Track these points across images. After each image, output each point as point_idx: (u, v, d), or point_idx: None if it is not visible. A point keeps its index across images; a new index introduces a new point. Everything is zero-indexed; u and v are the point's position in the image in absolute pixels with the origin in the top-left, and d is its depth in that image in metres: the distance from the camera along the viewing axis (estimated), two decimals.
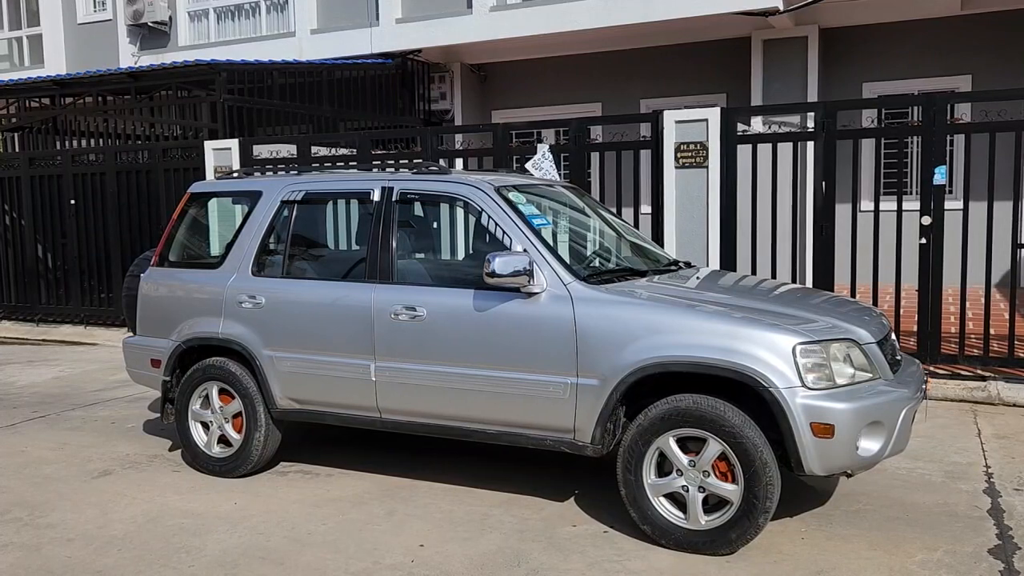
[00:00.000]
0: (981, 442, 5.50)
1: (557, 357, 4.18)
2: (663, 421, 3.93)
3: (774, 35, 11.19)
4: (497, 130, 8.30)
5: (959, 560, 3.79)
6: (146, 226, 10.53)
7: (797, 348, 3.78)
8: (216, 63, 10.25)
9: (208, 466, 5.21)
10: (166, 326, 5.37)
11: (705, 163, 7.38)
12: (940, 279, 6.75)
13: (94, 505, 4.75)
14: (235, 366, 5.10)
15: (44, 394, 7.64)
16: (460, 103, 13.18)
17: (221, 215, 5.80)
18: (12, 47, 16.30)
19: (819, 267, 7.11)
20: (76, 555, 4.09)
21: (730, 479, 3.84)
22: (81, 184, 10.96)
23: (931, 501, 4.50)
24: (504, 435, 4.41)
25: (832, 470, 3.84)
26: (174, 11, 14.11)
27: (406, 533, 4.24)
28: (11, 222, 11.67)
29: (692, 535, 3.91)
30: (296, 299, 4.95)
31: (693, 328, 3.94)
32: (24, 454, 5.78)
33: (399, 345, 4.59)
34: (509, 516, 4.42)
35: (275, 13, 13.57)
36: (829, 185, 7.03)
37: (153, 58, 13.48)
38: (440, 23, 11.96)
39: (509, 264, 4.14)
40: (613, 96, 12.62)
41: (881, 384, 3.96)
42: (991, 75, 10.71)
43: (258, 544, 4.16)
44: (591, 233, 5.35)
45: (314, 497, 4.78)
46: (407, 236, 4.99)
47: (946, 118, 6.71)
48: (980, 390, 6.47)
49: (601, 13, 10.95)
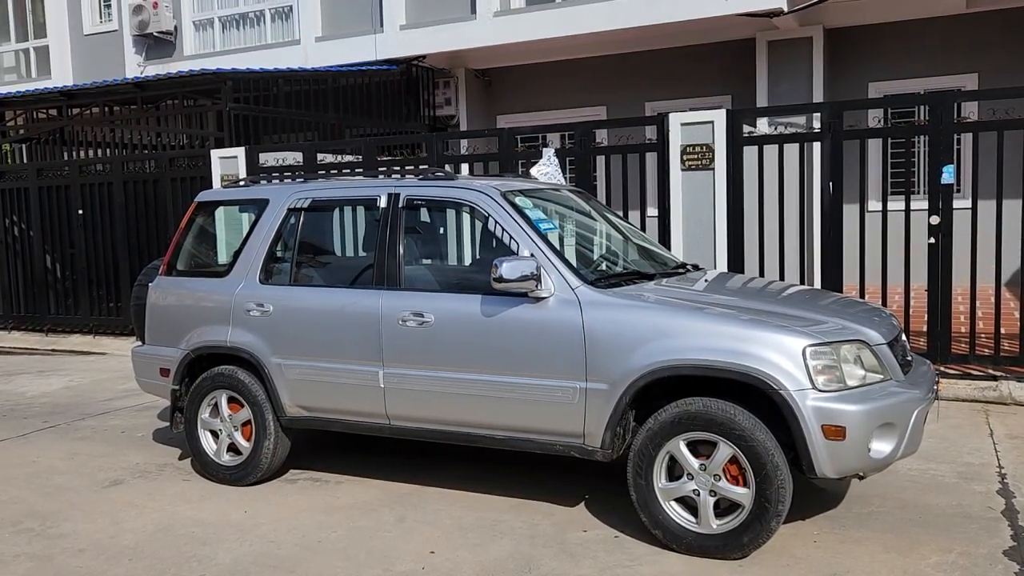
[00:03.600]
0: (994, 442, 5.47)
1: (566, 362, 4.16)
2: (673, 425, 3.91)
3: (779, 36, 11.17)
4: (502, 135, 8.30)
5: (974, 562, 3.76)
6: (154, 235, 10.56)
7: (807, 350, 3.76)
8: (222, 72, 10.29)
9: (218, 474, 5.21)
10: (175, 335, 5.38)
11: (711, 165, 7.37)
12: (949, 278, 6.72)
13: (105, 515, 4.76)
14: (244, 374, 5.11)
15: (54, 404, 7.66)
16: (465, 108, 13.19)
17: (228, 223, 5.81)
18: (19, 59, 16.40)
19: (827, 268, 7.08)
20: (88, 565, 4.09)
21: (741, 482, 3.82)
22: (89, 194, 11.01)
23: (944, 502, 4.47)
24: (513, 440, 4.40)
25: (844, 472, 3.81)
26: (179, 21, 14.18)
27: (416, 540, 4.23)
28: (20, 233, 11.73)
29: (704, 539, 3.89)
30: (304, 306, 4.95)
31: (702, 331, 3.92)
32: (35, 464, 5.79)
33: (407, 351, 4.59)
34: (519, 521, 4.41)
35: (280, 21, 13.61)
36: (836, 185, 7.01)
37: (159, 68, 13.52)
38: (444, 29, 11.97)
39: (516, 269, 4.13)
40: (618, 99, 12.60)
41: (892, 385, 3.93)
42: (998, 73, 10.66)
43: (269, 552, 4.15)
44: (598, 237, 5.34)
45: (324, 504, 4.78)
46: (414, 242, 4.99)
47: (953, 117, 6.69)
48: (992, 390, 6.44)
49: (605, 16, 10.94)
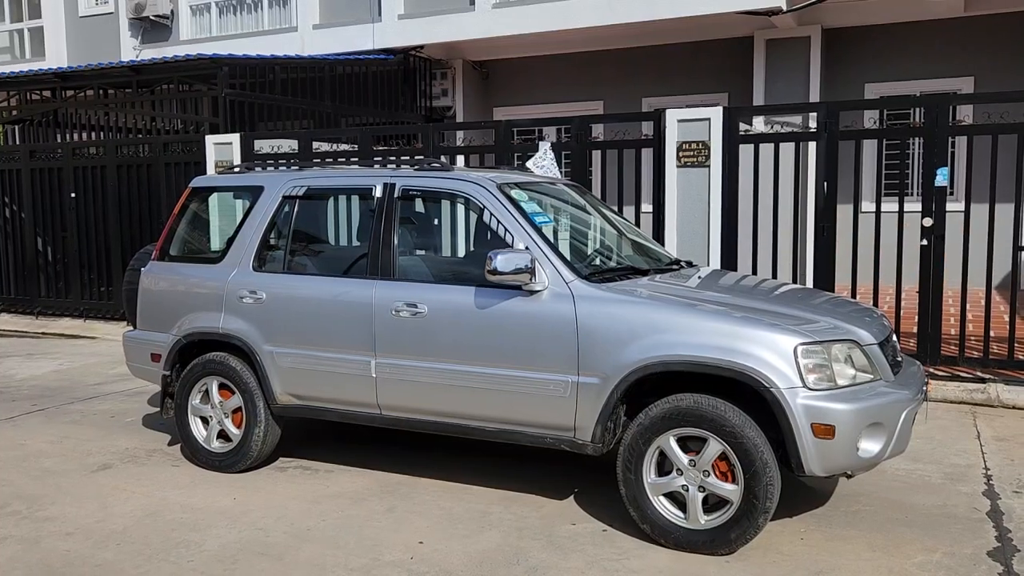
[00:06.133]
0: (980, 444, 5.51)
1: (558, 355, 4.17)
2: (664, 420, 3.93)
3: (777, 35, 11.19)
4: (499, 127, 8.29)
5: (958, 562, 3.79)
6: (146, 220, 10.52)
7: (799, 348, 3.78)
8: (218, 57, 10.23)
9: (207, 461, 5.21)
10: (166, 320, 5.37)
11: (707, 162, 7.38)
12: (941, 280, 6.75)
13: (93, 499, 4.75)
14: (235, 361, 5.10)
15: (43, 387, 7.64)
16: (462, 100, 13.17)
17: (222, 210, 5.79)
18: (13, 39, 16.28)
19: (820, 267, 7.10)
20: (75, 549, 4.09)
21: (730, 479, 3.84)
22: (82, 177, 10.95)
23: (930, 503, 4.50)
24: (504, 433, 4.41)
25: (832, 471, 3.83)
26: (176, 5, 14.11)
27: (406, 530, 4.24)
28: (11, 215, 11.66)
29: (692, 534, 3.91)
30: (297, 295, 4.94)
31: (695, 328, 3.94)
32: (23, 447, 5.78)
33: (400, 342, 4.59)
34: (509, 514, 4.42)
35: (277, 8, 13.55)
36: (831, 185, 7.02)
37: (155, 52, 13.45)
38: (442, 19, 11.95)
39: (511, 261, 4.14)
40: (615, 94, 12.60)
41: (882, 385, 3.96)
42: (994, 77, 10.71)
43: (257, 539, 4.16)
44: (592, 231, 5.34)
45: (314, 493, 4.78)
46: (409, 232, 4.99)
47: (948, 119, 6.71)
48: (980, 392, 6.48)
49: (604, 11, 10.93)
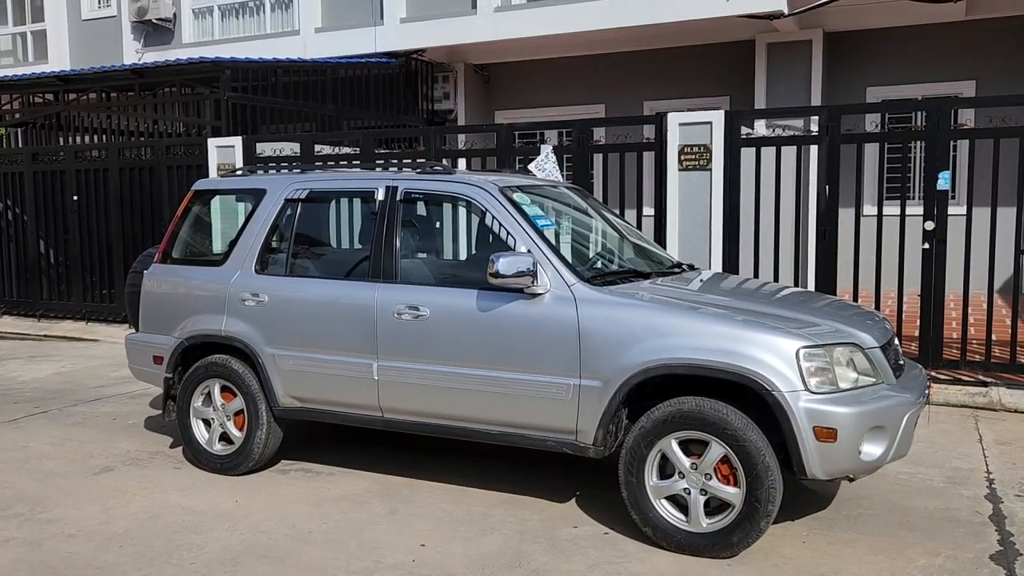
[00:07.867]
0: (982, 448, 5.50)
1: (560, 358, 4.18)
2: (665, 423, 3.93)
3: (778, 38, 11.19)
4: (501, 130, 8.29)
5: (961, 566, 3.78)
6: (148, 222, 10.53)
7: (801, 352, 3.78)
8: (220, 60, 10.25)
9: (209, 463, 5.21)
10: (169, 323, 5.38)
11: (708, 166, 7.38)
12: (943, 284, 6.74)
13: (95, 501, 4.75)
14: (237, 364, 5.11)
15: (46, 390, 7.65)
16: (464, 103, 13.19)
17: (224, 213, 5.80)
18: (16, 42, 16.31)
19: (821, 271, 7.10)
20: (77, 551, 4.09)
21: (732, 482, 3.83)
22: (84, 180, 10.96)
23: (933, 506, 4.50)
24: (506, 436, 4.41)
25: (834, 474, 3.83)
26: (178, 8, 14.14)
27: (407, 532, 4.24)
28: (13, 217, 11.67)
29: (693, 538, 3.91)
30: (299, 297, 4.94)
31: (696, 331, 3.94)
32: (26, 449, 5.78)
33: (402, 344, 4.59)
34: (510, 516, 4.42)
35: (279, 11, 13.58)
36: (832, 189, 7.02)
37: (157, 55, 13.48)
38: (444, 23, 11.96)
39: (513, 264, 4.14)
40: (617, 98, 12.61)
41: (884, 389, 3.95)
42: (995, 81, 10.71)
43: (259, 542, 4.16)
44: (594, 234, 5.34)
45: (315, 496, 4.78)
46: (411, 235, 4.99)
47: (950, 123, 6.70)
48: (982, 395, 6.47)
49: (606, 15, 10.95)
